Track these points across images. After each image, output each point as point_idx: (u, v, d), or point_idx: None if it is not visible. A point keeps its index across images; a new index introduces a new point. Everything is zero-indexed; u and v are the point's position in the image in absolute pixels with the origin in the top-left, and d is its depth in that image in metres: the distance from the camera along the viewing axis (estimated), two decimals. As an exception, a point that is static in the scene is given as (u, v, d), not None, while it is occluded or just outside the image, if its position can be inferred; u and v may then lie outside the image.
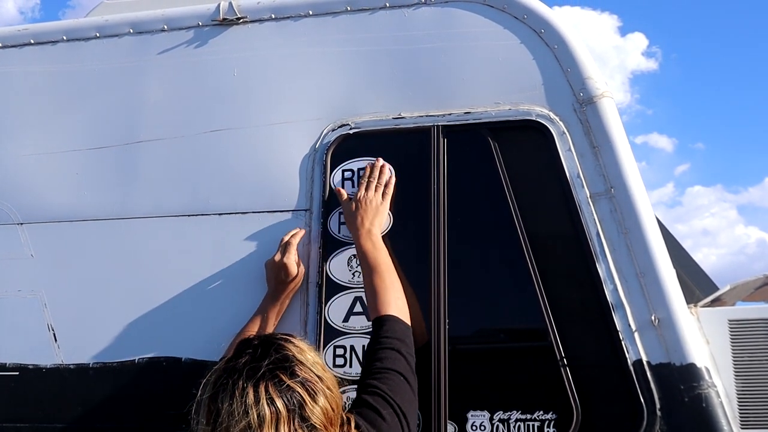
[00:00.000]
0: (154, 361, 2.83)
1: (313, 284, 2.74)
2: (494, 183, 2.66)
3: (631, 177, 2.55)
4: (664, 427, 2.34)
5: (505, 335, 2.63)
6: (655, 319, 2.42)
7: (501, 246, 2.64)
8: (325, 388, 1.99)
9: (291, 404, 1.91)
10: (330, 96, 2.88)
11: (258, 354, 2.00)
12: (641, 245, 2.49)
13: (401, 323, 2.40)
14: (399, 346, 2.32)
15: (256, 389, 1.91)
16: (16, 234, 3.09)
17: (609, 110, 2.61)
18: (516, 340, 2.63)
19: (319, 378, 2.00)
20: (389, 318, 2.39)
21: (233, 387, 1.93)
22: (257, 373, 1.94)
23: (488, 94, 2.73)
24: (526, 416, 2.46)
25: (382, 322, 2.38)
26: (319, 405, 1.95)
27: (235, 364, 1.99)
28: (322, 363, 2.08)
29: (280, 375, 1.95)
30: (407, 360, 2.31)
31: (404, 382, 2.24)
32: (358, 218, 2.66)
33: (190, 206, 2.93)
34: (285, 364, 1.98)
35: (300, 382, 1.96)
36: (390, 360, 2.27)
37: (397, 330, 2.36)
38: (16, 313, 3.01)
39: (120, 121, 3.08)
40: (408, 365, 2.30)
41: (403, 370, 2.27)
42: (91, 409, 2.85)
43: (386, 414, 2.13)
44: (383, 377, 2.22)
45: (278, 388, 1.92)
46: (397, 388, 2.21)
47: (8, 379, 2.96)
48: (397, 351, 2.30)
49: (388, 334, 2.34)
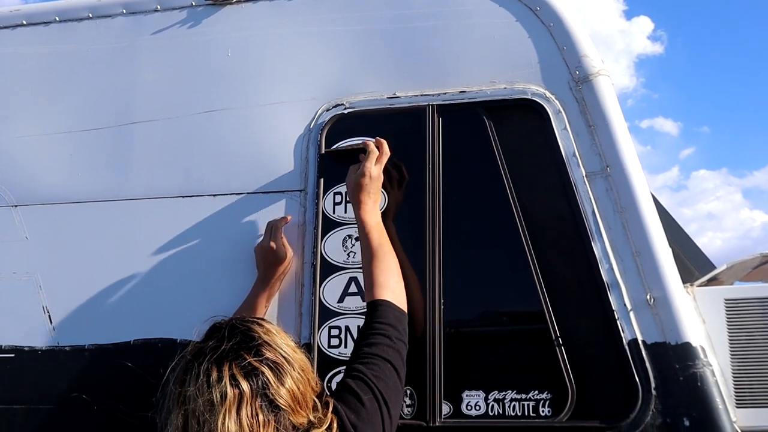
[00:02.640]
0: (149, 342, 2.82)
1: (308, 265, 2.73)
2: (490, 162, 2.64)
3: (627, 156, 2.53)
4: (659, 406, 2.34)
5: (500, 315, 2.62)
6: (651, 298, 2.41)
7: (496, 226, 2.62)
8: (292, 370, 1.98)
9: (255, 385, 1.91)
10: (324, 76, 2.86)
11: (224, 336, 2.00)
12: (637, 224, 2.47)
13: (395, 309, 2.37)
14: (390, 333, 2.29)
15: (220, 369, 1.91)
16: (10, 216, 3.08)
17: (605, 89, 2.60)
18: (511, 319, 2.61)
19: (285, 360, 1.99)
20: (383, 303, 2.36)
21: (198, 369, 1.93)
22: (220, 354, 1.94)
23: (484, 72, 2.71)
24: (521, 396, 2.46)
25: (376, 307, 2.36)
26: (285, 386, 1.94)
27: (203, 346, 2.00)
28: (292, 346, 2.07)
29: (245, 355, 1.95)
30: (397, 348, 2.28)
31: (390, 370, 2.22)
32: (363, 193, 2.61)
33: (184, 187, 2.91)
34: (250, 344, 1.98)
35: (265, 362, 1.95)
36: (378, 346, 2.25)
37: (390, 316, 2.34)
38: (11, 296, 3.01)
39: (114, 102, 3.06)
40: (397, 353, 2.27)
41: (391, 357, 2.24)
42: (86, 390, 2.85)
43: (366, 399, 2.11)
44: (369, 362, 2.21)
45: (242, 368, 1.92)
46: (381, 375, 2.18)
47: (4, 361, 2.96)
48: (387, 337, 2.28)
49: (380, 319, 2.32)
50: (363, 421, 2.08)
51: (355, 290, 2.65)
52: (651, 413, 2.33)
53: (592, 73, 2.60)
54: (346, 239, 2.71)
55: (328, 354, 2.61)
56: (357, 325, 2.61)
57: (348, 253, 2.70)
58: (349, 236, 2.70)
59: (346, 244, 2.70)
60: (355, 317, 2.63)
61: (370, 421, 2.09)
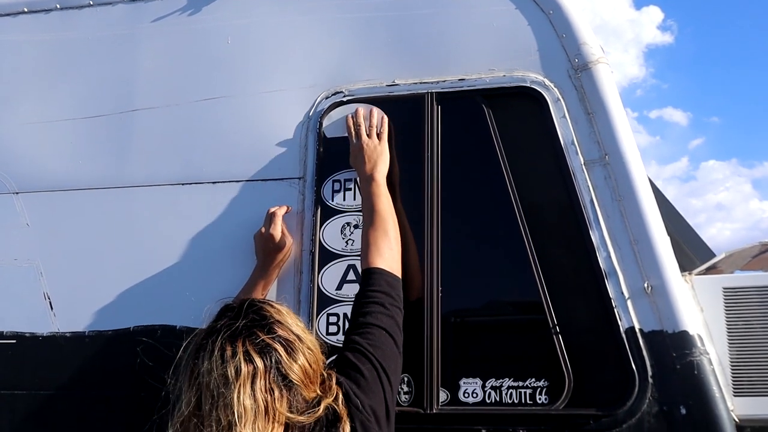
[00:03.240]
0: (149, 329, 2.83)
1: (306, 252, 2.73)
2: (488, 150, 2.64)
3: (625, 144, 2.52)
4: (656, 394, 2.34)
5: (497, 303, 2.62)
6: (648, 286, 2.41)
7: (494, 213, 2.62)
8: (304, 347, 2.01)
9: (268, 361, 1.94)
10: (324, 63, 2.86)
11: (236, 315, 2.02)
12: (635, 212, 2.47)
13: (389, 276, 2.38)
14: (383, 300, 2.30)
15: (234, 345, 1.94)
16: (11, 203, 3.09)
17: (604, 76, 2.59)
18: (508, 307, 2.62)
19: (297, 337, 2.02)
20: (376, 270, 2.38)
21: (212, 346, 1.96)
22: (234, 331, 1.97)
23: (483, 60, 2.71)
24: (518, 383, 2.46)
25: (369, 275, 2.37)
26: (297, 363, 1.97)
27: (215, 325, 2.02)
28: (302, 326, 2.10)
29: (258, 332, 1.98)
30: (392, 314, 2.29)
31: (387, 337, 2.23)
32: (359, 163, 2.66)
33: (184, 174, 2.92)
34: (262, 323, 2.01)
35: (278, 340, 1.98)
36: (373, 315, 2.26)
37: (383, 283, 2.35)
38: (12, 282, 3.03)
39: (114, 89, 3.07)
40: (392, 319, 2.28)
41: (386, 324, 2.26)
42: (87, 376, 2.87)
43: (365, 370, 2.13)
44: (365, 332, 2.22)
45: (256, 344, 1.95)
46: (378, 344, 2.20)
47: (5, 347, 2.98)
48: (381, 305, 2.29)
49: (374, 287, 2.33)
50: (364, 391, 2.10)
51: (353, 278, 2.66)
52: (647, 401, 2.34)
53: (592, 61, 2.59)
54: (344, 227, 2.71)
55: (327, 341, 2.62)
56: (355, 312, 2.62)
57: (346, 241, 2.70)
58: (348, 224, 2.71)
59: (345, 232, 2.71)
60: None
61: (372, 391, 2.12)
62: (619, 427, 2.34)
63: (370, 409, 2.08)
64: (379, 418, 2.09)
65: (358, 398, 2.07)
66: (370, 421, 2.06)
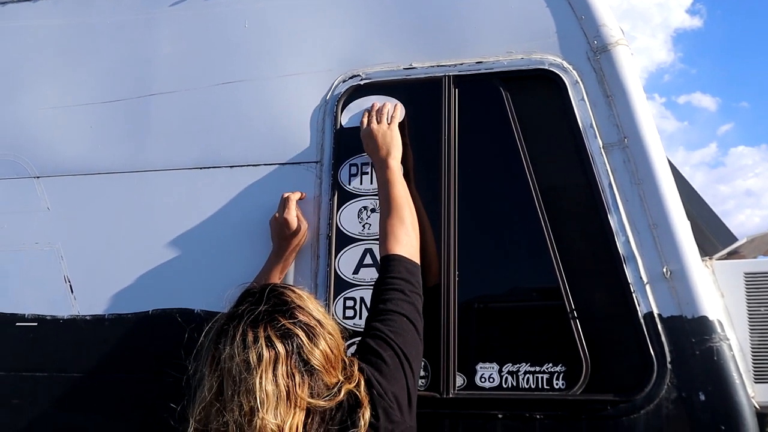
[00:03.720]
0: (167, 312, 2.85)
1: (323, 236, 2.73)
2: (506, 134, 2.62)
3: (645, 127, 2.49)
4: (675, 380, 2.31)
5: (515, 287, 2.60)
6: (668, 271, 2.38)
7: (512, 197, 2.61)
8: (325, 333, 2.01)
9: (290, 346, 1.94)
10: (341, 47, 2.85)
11: (257, 300, 2.02)
12: (654, 196, 2.44)
13: (407, 262, 2.37)
14: (403, 287, 2.30)
15: (255, 331, 1.95)
16: (32, 187, 3.12)
17: (624, 58, 2.55)
18: (526, 292, 2.60)
19: (318, 322, 2.02)
20: (395, 257, 2.37)
21: (234, 331, 1.97)
22: (256, 317, 1.97)
23: (500, 43, 2.68)
24: (535, 368, 2.45)
25: (388, 262, 2.37)
26: (319, 348, 1.98)
27: (236, 310, 2.03)
28: (323, 311, 2.10)
29: (279, 318, 1.98)
30: (412, 300, 2.29)
31: (407, 323, 2.23)
32: (372, 150, 2.65)
33: (202, 159, 2.93)
34: (284, 308, 2.01)
35: (299, 325, 1.98)
36: (393, 302, 2.26)
37: (402, 270, 2.34)
38: (33, 266, 3.06)
39: (133, 74, 3.08)
40: (412, 306, 2.28)
41: (407, 311, 2.26)
42: (106, 359, 2.90)
43: (387, 356, 2.13)
44: (386, 319, 2.22)
45: (277, 330, 1.96)
46: (399, 330, 2.20)
47: (27, 329, 3.01)
48: (401, 292, 2.29)
49: (393, 274, 2.33)
50: (386, 377, 2.10)
51: (370, 262, 2.65)
52: (666, 387, 2.31)
53: (611, 43, 2.55)
54: (361, 211, 2.71)
55: (344, 325, 2.61)
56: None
57: (363, 225, 2.69)
58: (365, 208, 2.70)
59: (362, 216, 2.70)
60: (370, 289, 2.61)
61: (393, 377, 2.12)
62: (637, 412, 2.32)
63: (393, 396, 2.07)
64: (401, 405, 2.09)
65: (380, 384, 2.07)
66: (393, 408, 2.06)
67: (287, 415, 1.89)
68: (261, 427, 1.86)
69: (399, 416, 2.07)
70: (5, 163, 3.17)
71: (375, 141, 2.63)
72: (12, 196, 3.15)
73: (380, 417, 2.01)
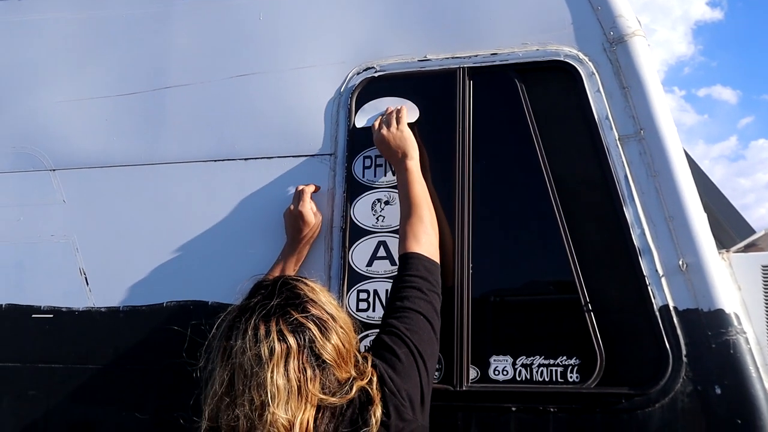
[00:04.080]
0: (181, 304, 2.86)
1: (337, 229, 2.73)
2: (521, 125, 2.60)
3: (661, 118, 2.47)
4: (690, 373, 2.29)
5: (529, 280, 2.59)
6: (683, 264, 2.36)
7: (527, 189, 2.59)
8: (337, 327, 2.01)
9: (302, 340, 1.94)
10: (355, 39, 2.84)
11: (270, 293, 2.01)
12: (670, 188, 2.42)
13: (426, 261, 2.37)
14: (421, 285, 2.30)
15: (267, 324, 1.94)
16: (48, 180, 3.13)
17: (640, 50, 2.53)
18: (540, 284, 2.58)
19: (331, 316, 2.02)
20: (414, 256, 2.37)
21: (245, 324, 1.96)
22: (268, 310, 1.96)
23: (515, 34, 2.66)
24: (549, 361, 2.43)
25: (407, 260, 2.37)
26: (331, 342, 1.97)
27: (248, 303, 2.03)
28: (336, 304, 2.09)
29: (291, 311, 1.97)
30: (429, 299, 2.28)
31: (424, 322, 2.23)
32: (388, 154, 2.64)
33: (216, 151, 2.93)
34: (296, 301, 2.00)
35: (311, 319, 1.97)
36: (411, 300, 2.25)
37: (420, 268, 2.34)
38: (49, 258, 3.07)
39: (148, 67, 3.09)
40: (429, 304, 2.28)
41: (424, 309, 2.25)
42: (121, 350, 2.91)
43: (401, 354, 2.12)
44: (402, 317, 2.22)
45: (289, 324, 1.95)
46: (415, 328, 2.19)
47: (43, 321, 3.03)
48: (418, 290, 2.28)
49: (411, 272, 2.33)
50: (400, 375, 2.09)
51: (383, 254, 2.65)
52: (681, 380, 2.29)
53: (627, 34, 2.53)
54: (375, 203, 2.70)
55: (357, 317, 2.62)
56: (386, 288, 2.61)
57: (377, 217, 2.69)
58: (378, 200, 2.69)
59: (375, 208, 2.69)
60: (383, 281, 2.63)
61: (407, 375, 2.11)
62: (652, 406, 2.30)
63: (405, 394, 2.07)
64: (413, 403, 2.08)
65: (392, 382, 2.06)
66: (405, 406, 2.05)
67: (298, 410, 1.89)
68: (272, 422, 1.86)
69: (411, 415, 2.06)
70: (22, 155, 3.19)
71: (389, 146, 2.62)
72: (28, 188, 3.16)
73: (392, 415, 2.01)
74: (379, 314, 2.58)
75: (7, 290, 3.11)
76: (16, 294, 3.10)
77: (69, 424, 2.93)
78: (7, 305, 3.10)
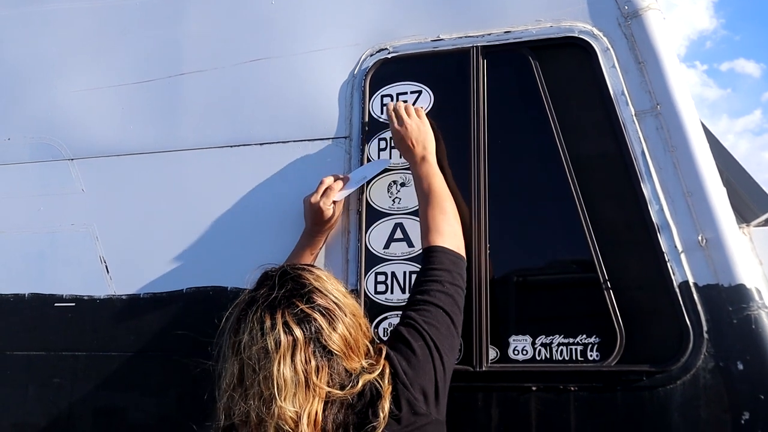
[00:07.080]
0: (201, 290, 2.87)
1: (353, 211, 2.73)
2: (536, 103, 2.58)
3: (678, 92, 2.43)
4: (711, 349, 2.27)
5: (547, 259, 2.57)
6: (703, 239, 2.33)
7: (543, 168, 2.57)
8: (344, 316, 2.00)
9: (308, 331, 1.94)
10: (367, 20, 2.82)
11: (276, 284, 2.01)
12: (688, 163, 2.39)
13: (450, 254, 2.35)
14: (442, 278, 2.28)
15: (273, 317, 1.94)
16: (67, 169, 3.16)
17: (655, 23, 2.49)
18: (559, 263, 2.56)
19: (337, 305, 2.01)
20: (436, 249, 2.35)
21: (252, 317, 1.96)
22: (274, 302, 1.96)
23: (529, 11, 2.63)
24: (568, 340, 2.42)
25: (429, 253, 2.35)
26: (337, 332, 1.97)
27: (255, 295, 2.03)
28: (343, 291, 2.09)
29: (296, 302, 1.97)
30: (450, 293, 2.26)
31: (443, 315, 2.21)
32: (405, 148, 2.61)
33: (232, 137, 2.94)
34: (301, 291, 2.00)
35: (317, 309, 1.97)
36: (431, 293, 2.24)
37: (444, 261, 2.32)
38: (69, 247, 3.10)
39: (163, 54, 3.09)
40: (450, 298, 2.25)
41: (444, 303, 2.23)
42: (142, 337, 2.93)
43: (417, 347, 2.11)
44: (421, 309, 2.20)
45: (294, 315, 1.95)
46: (433, 322, 2.18)
47: (65, 309, 3.06)
48: (439, 283, 2.26)
49: (434, 265, 2.31)
50: (414, 368, 2.08)
51: (400, 236, 2.64)
52: (703, 357, 2.28)
53: (642, 8, 2.49)
54: (391, 185, 2.69)
55: (375, 300, 2.62)
56: (403, 270, 2.61)
57: (393, 199, 2.68)
58: (394, 182, 2.69)
59: (392, 190, 2.69)
60: (401, 263, 2.62)
61: (421, 369, 2.09)
62: (674, 383, 2.29)
63: (419, 387, 2.06)
64: (427, 397, 2.07)
65: (406, 375, 2.05)
66: (418, 400, 2.04)
67: (306, 402, 1.89)
68: (280, 415, 1.87)
69: (424, 409, 2.05)
70: (40, 146, 3.21)
71: (405, 141, 2.58)
72: (47, 178, 3.19)
73: (403, 408, 2.00)
74: (397, 296, 2.59)
75: (29, 280, 3.15)
76: (39, 283, 3.13)
77: (93, 410, 2.97)
78: (30, 294, 3.13)
